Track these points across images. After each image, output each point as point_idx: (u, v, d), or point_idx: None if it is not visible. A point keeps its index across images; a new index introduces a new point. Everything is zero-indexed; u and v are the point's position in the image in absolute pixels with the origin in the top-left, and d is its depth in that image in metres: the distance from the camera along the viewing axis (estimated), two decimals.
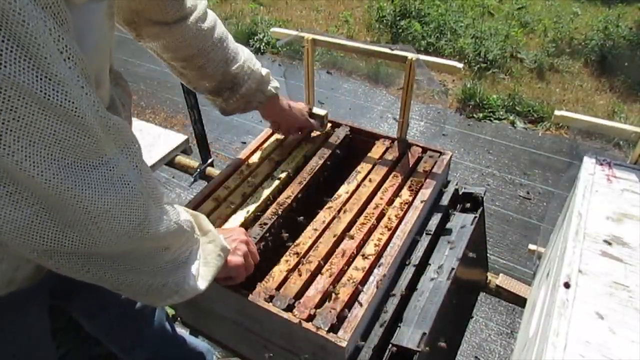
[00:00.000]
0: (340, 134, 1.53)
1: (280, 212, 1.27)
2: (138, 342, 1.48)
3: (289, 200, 1.31)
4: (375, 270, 1.12)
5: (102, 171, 0.67)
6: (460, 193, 1.48)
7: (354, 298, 1.06)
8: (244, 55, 1.30)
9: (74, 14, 0.68)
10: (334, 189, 1.34)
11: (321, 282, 1.08)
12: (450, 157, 1.44)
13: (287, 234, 1.26)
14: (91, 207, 0.66)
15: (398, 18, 5.52)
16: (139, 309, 1.41)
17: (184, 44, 1.17)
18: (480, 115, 4.21)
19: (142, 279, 0.80)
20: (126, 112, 1.01)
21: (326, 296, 1.06)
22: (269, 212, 1.28)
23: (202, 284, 0.91)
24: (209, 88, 1.31)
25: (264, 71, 1.34)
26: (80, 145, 0.63)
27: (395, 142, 1.48)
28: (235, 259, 1.02)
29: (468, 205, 1.45)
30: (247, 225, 1.26)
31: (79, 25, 0.71)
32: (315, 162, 1.43)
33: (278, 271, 1.11)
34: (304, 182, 1.37)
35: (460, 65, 1.34)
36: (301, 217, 1.31)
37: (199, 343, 1.71)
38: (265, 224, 1.25)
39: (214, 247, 0.95)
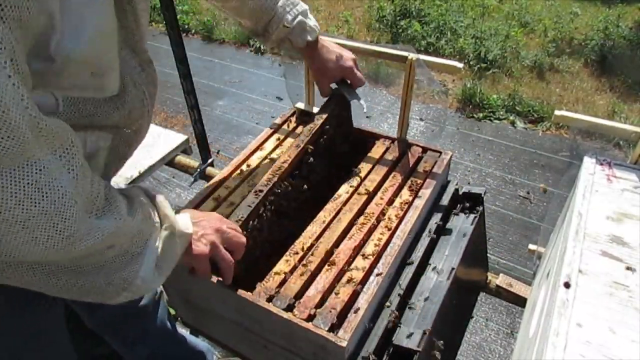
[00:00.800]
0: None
1: (276, 179, 1.19)
2: (139, 339, 1.48)
3: (285, 165, 1.22)
4: (375, 270, 1.12)
5: (26, 174, 0.58)
6: (460, 193, 1.48)
7: (354, 298, 1.06)
8: (278, 8, 1.26)
9: None
10: (334, 189, 1.34)
11: (321, 282, 1.08)
12: (450, 157, 1.44)
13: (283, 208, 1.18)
14: (8, 214, 0.57)
15: (398, 18, 5.52)
16: (142, 305, 1.41)
17: None
18: (480, 115, 4.21)
19: (79, 280, 0.71)
20: (148, 106, 0.96)
21: (326, 296, 1.06)
22: (264, 179, 1.19)
23: (159, 277, 0.82)
24: (246, 27, 1.34)
25: (293, 22, 1.28)
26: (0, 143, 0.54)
27: (395, 142, 1.48)
28: (199, 247, 0.91)
29: (468, 205, 1.45)
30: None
31: (79, 9, 0.69)
32: (314, 125, 1.36)
33: (278, 271, 1.11)
34: (302, 146, 1.29)
35: (460, 65, 1.34)
36: (305, 187, 1.25)
37: (200, 342, 1.71)
38: (261, 191, 1.16)
39: (170, 234, 0.85)
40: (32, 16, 0.58)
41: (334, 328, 0.99)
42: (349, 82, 1.41)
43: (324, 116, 1.39)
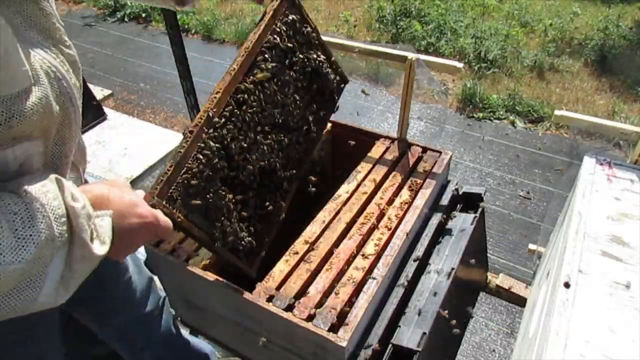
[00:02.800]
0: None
1: (211, 114, 1.02)
2: (146, 345, 1.48)
3: (218, 95, 1.04)
4: (375, 270, 1.12)
5: None
6: (460, 193, 1.48)
7: (354, 298, 1.06)
8: None
9: None
10: (333, 189, 1.34)
11: (321, 282, 1.08)
12: (450, 157, 1.44)
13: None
14: None
15: (398, 18, 5.52)
16: (148, 311, 1.41)
17: None
18: (480, 115, 4.21)
19: None
20: (75, 80, 0.83)
21: (326, 296, 1.06)
22: (198, 115, 1.03)
23: (65, 295, 0.71)
24: None
25: None
26: None
27: (395, 142, 1.48)
28: (131, 221, 0.81)
29: (468, 205, 1.45)
30: None
31: None
32: (257, 29, 1.15)
33: (278, 271, 1.11)
34: (249, 49, 1.10)
35: (460, 65, 1.34)
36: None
37: (204, 345, 1.71)
38: (191, 132, 1.00)
39: (83, 253, 0.71)
40: None
41: (334, 328, 0.99)
42: None
43: (267, 17, 1.16)
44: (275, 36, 1.17)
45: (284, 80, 1.19)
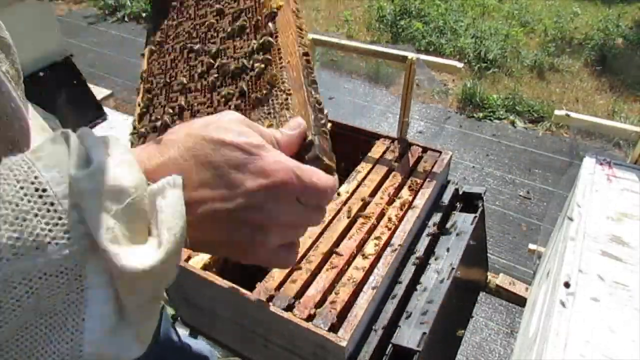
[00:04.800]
0: None
1: None
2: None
3: None
4: (375, 270, 1.12)
5: None
6: (460, 193, 1.48)
7: (354, 298, 1.06)
8: None
9: None
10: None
11: (321, 282, 1.08)
12: (450, 156, 1.44)
13: None
14: None
15: (398, 18, 5.52)
16: None
17: None
18: (480, 115, 4.21)
19: None
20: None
21: (326, 296, 1.06)
22: None
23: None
24: None
25: None
26: None
27: (396, 142, 1.48)
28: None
29: (468, 205, 1.45)
30: None
31: None
32: None
33: (278, 271, 1.11)
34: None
35: (460, 65, 1.34)
36: None
37: (202, 346, 1.70)
38: None
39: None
40: None
41: (334, 328, 0.99)
42: None
43: None
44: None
45: None
